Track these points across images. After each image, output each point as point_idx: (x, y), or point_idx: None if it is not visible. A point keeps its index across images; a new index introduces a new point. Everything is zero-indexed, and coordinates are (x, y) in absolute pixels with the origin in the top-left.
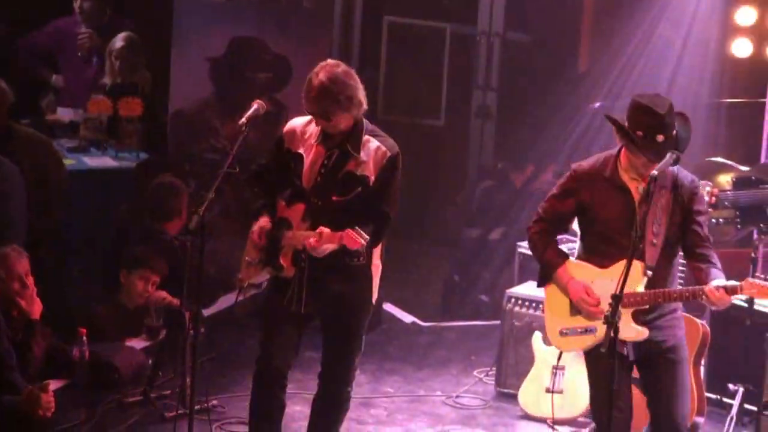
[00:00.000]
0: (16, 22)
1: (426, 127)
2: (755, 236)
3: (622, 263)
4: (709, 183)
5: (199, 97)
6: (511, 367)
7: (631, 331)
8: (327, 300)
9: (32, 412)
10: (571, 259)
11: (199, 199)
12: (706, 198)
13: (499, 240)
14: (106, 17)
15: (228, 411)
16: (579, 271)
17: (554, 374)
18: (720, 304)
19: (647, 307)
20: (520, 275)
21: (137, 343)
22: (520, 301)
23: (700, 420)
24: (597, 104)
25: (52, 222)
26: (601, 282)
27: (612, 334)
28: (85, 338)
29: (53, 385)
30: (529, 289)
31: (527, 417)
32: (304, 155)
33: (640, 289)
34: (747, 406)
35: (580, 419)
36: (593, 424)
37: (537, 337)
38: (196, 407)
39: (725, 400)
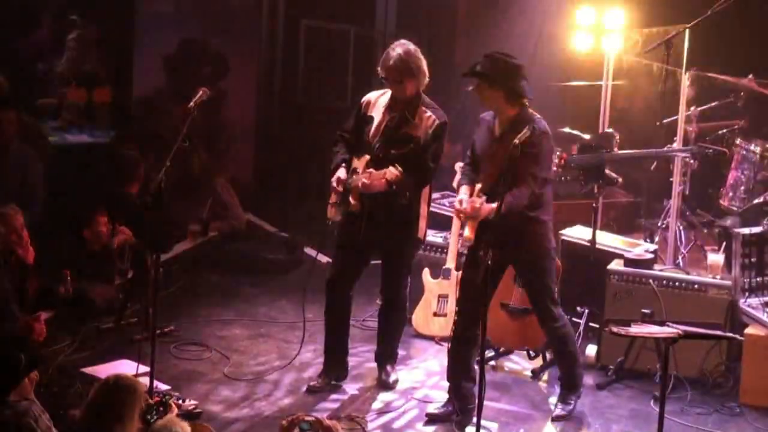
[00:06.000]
0: None
1: (334, 108)
2: (596, 190)
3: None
4: (559, 149)
5: (156, 86)
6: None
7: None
8: (382, 230)
9: (27, 337)
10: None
11: (158, 167)
12: (555, 161)
13: None
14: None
15: (182, 335)
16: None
17: (439, 301)
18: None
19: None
20: None
21: None
22: None
23: None
24: (470, 88)
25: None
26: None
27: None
28: (68, 278)
29: (44, 315)
30: None
31: (419, 335)
32: (375, 118)
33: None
34: (591, 324)
35: None
36: None
37: (426, 272)
38: (158, 332)
39: (575, 319)
